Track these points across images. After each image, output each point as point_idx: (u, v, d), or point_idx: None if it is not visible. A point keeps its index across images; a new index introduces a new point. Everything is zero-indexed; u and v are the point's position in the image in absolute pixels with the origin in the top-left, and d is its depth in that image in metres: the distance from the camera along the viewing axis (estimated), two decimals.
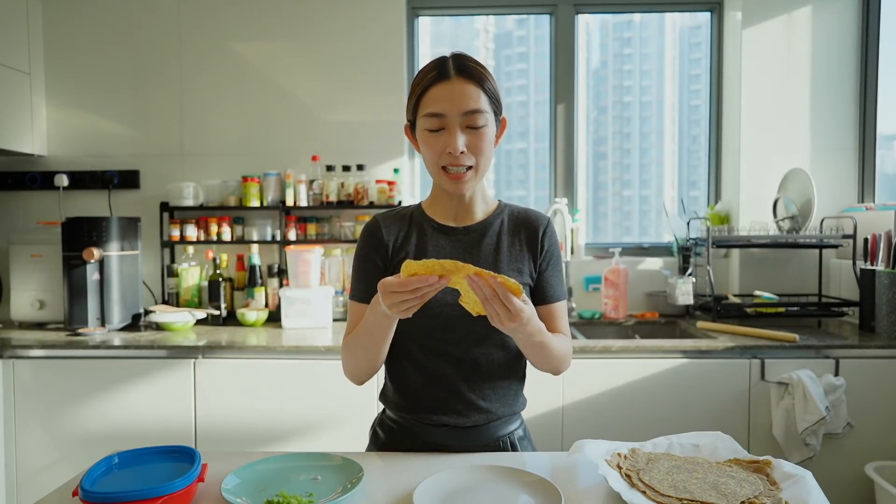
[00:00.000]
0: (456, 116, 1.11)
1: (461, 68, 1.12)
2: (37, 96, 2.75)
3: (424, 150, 1.16)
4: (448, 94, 1.11)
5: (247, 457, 1.13)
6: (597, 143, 3.08)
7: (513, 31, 3.15)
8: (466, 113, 1.11)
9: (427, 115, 1.12)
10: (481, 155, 1.14)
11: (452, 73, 1.12)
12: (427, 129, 1.13)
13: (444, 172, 1.14)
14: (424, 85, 1.13)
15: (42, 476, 2.21)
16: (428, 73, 1.13)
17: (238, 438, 2.16)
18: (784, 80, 2.69)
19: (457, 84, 1.11)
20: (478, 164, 1.14)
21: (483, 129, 1.13)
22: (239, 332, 2.40)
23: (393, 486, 1.03)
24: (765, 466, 1.02)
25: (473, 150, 1.13)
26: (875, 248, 2.34)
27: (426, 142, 1.14)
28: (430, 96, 1.12)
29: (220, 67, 2.78)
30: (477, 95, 1.11)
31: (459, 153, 1.11)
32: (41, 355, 2.22)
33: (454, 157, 1.12)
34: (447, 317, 1.15)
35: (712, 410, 2.12)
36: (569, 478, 1.07)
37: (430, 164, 1.16)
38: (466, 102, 1.11)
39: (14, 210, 2.83)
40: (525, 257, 1.22)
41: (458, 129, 1.11)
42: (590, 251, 2.91)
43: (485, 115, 1.12)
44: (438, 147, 1.13)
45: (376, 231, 1.23)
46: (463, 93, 1.11)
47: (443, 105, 1.11)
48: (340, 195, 2.68)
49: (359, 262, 1.24)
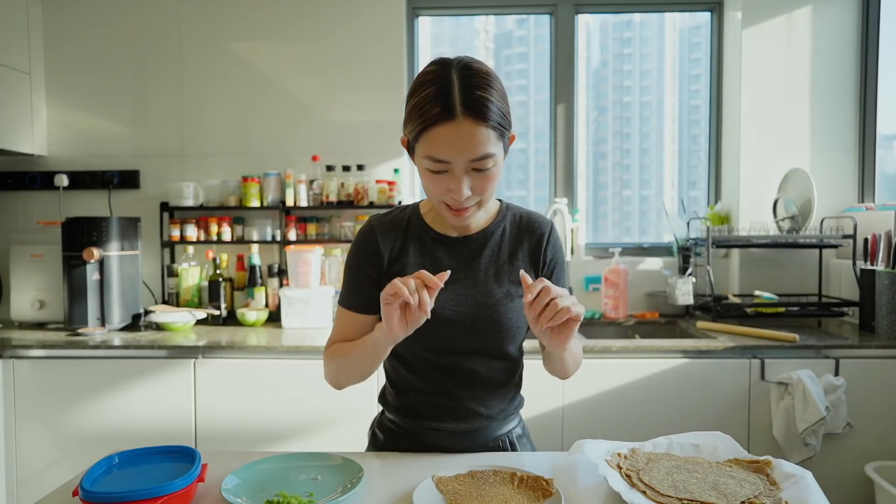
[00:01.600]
0: (462, 162, 1.01)
1: (468, 103, 0.99)
2: (37, 96, 2.75)
3: (426, 184, 1.07)
4: (454, 139, 0.99)
5: (247, 457, 1.13)
6: (597, 143, 3.08)
7: (513, 31, 3.15)
8: (474, 160, 1.01)
9: (429, 157, 1.02)
10: (486, 192, 1.06)
11: (458, 112, 0.98)
12: (429, 169, 1.04)
13: (446, 206, 1.08)
14: (426, 122, 1.00)
15: (42, 476, 2.21)
16: (431, 108, 1.00)
17: (238, 438, 2.16)
18: (784, 80, 2.69)
19: (463, 126, 0.99)
20: (482, 200, 1.08)
21: (490, 171, 1.04)
22: (239, 332, 2.40)
23: (393, 486, 1.03)
24: (765, 466, 1.02)
25: (479, 191, 1.05)
26: (875, 248, 2.34)
27: (428, 179, 1.06)
28: (434, 138, 1.00)
29: (220, 67, 2.78)
30: (485, 138, 1.00)
31: (464, 199, 1.04)
32: (41, 355, 2.22)
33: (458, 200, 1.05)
34: (446, 331, 1.14)
35: (712, 410, 2.12)
36: (569, 478, 1.07)
37: (432, 198, 1.09)
38: (474, 149, 1.00)
39: (14, 210, 2.83)
40: (527, 267, 1.19)
41: (463, 175, 1.02)
42: (590, 251, 2.91)
43: (493, 157, 1.02)
44: (441, 187, 1.05)
45: (372, 239, 1.18)
46: (471, 137, 0.99)
47: (447, 152, 1.00)
48: (340, 195, 2.68)
49: (351, 269, 1.19)
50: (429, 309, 0.97)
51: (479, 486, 1.00)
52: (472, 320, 1.14)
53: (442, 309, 1.13)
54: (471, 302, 1.15)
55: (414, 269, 1.13)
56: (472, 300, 1.15)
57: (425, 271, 0.98)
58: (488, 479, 1.02)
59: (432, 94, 1.00)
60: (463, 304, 1.14)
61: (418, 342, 1.13)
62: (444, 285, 1.02)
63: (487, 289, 1.16)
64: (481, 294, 1.15)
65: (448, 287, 1.12)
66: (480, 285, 1.16)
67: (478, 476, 1.03)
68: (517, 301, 1.16)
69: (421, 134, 1.02)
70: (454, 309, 1.14)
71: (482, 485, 1.00)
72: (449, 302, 1.14)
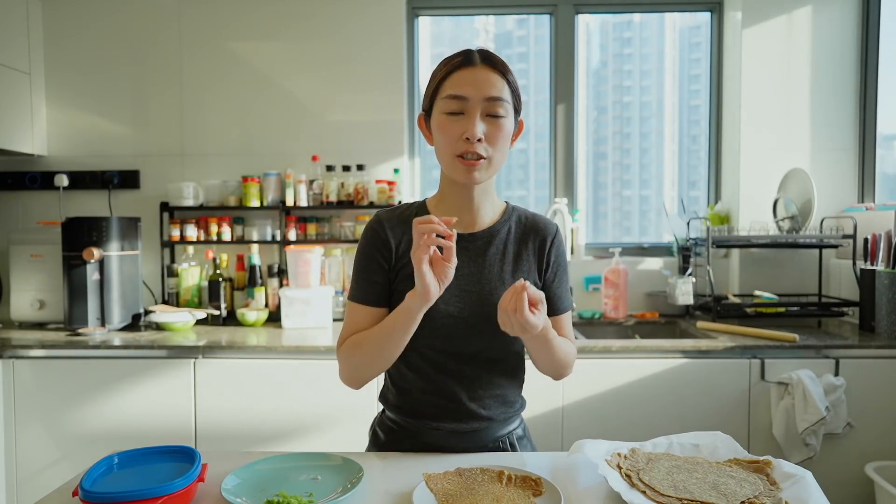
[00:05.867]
0: (478, 101, 1.09)
1: (487, 58, 1.12)
2: (37, 96, 2.75)
3: (439, 135, 1.12)
4: (472, 79, 1.09)
5: (247, 457, 1.13)
6: (597, 143, 3.08)
7: (513, 31, 3.15)
8: (489, 99, 1.09)
9: (448, 96, 1.10)
10: (497, 148, 1.11)
11: (478, 61, 1.11)
12: (446, 111, 1.10)
13: (457, 160, 1.10)
14: (448, 69, 1.11)
15: (42, 476, 2.21)
16: (453, 60, 1.12)
17: (238, 438, 2.16)
18: (784, 80, 2.69)
19: (481, 71, 1.10)
20: (492, 157, 1.11)
21: (503, 120, 1.10)
22: (239, 332, 2.40)
23: (393, 486, 1.03)
24: (765, 466, 1.02)
25: (491, 140, 1.10)
26: (875, 248, 2.34)
27: (443, 126, 1.11)
28: (454, 80, 1.10)
29: (220, 67, 2.78)
30: (501, 85, 1.10)
31: (476, 140, 1.08)
32: (41, 355, 2.22)
33: (471, 143, 1.08)
34: (449, 328, 1.14)
35: (712, 410, 2.12)
36: (569, 478, 1.07)
37: (444, 152, 1.12)
38: (490, 88, 1.09)
39: (14, 210, 2.83)
40: (531, 267, 1.20)
41: (477, 115, 1.09)
42: (590, 251, 2.91)
43: (506, 105, 1.11)
44: (456, 132, 1.09)
45: (380, 231, 1.18)
46: (487, 79, 1.10)
47: (466, 88, 1.09)
48: (340, 195, 2.68)
49: (361, 262, 1.19)
50: (453, 258, 1.04)
51: (469, 484, 1.00)
52: (476, 317, 1.14)
53: (446, 304, 1.13)
54: (474, 298, 1.15)
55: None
56: (476, 296, 1.15)
57: (433, 216, 1.02)
58: (477, 478, 1.02)
59: (454, 55, 1.13)
60: (467, 299, 1.15)
61: (422, 339, 1.14)
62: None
63: (491, 286, 1.16)
64: (485, 291, 1.16)
65: (452, 283, 1.12)
66: (485, 282, 1.17)
67: (466, 474, 1.03)
68: None
69: (442, 83, 1.12)
70: (458, 304, 1.14)
71: (471, 483, 1.00)
72: (453, 298, 1.14)
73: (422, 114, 1.19)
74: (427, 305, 1.06)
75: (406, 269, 1.15)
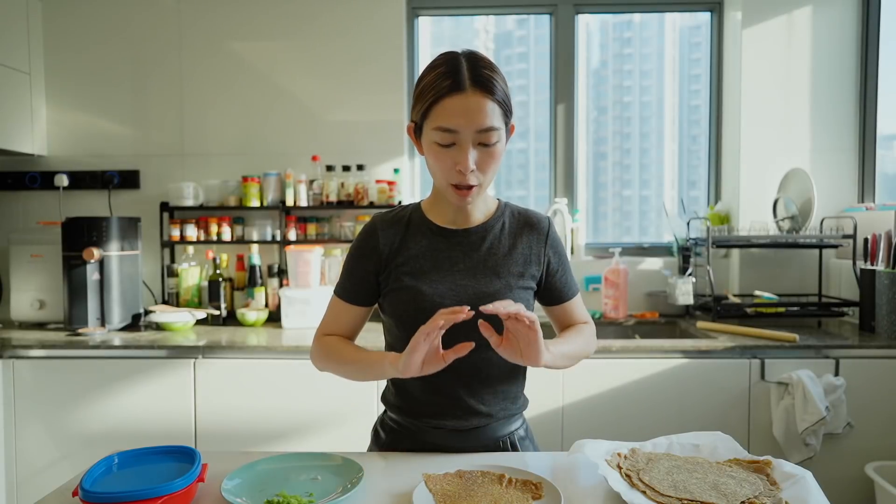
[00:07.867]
0: (469, 133, 1.07)
1: (476, 79, 1.07)
2: (37, 96, 2.75)
3: (432, 163, 1.12)
4: (463, 109, 1.06)
5: (247, 457, 1.13)
6: (597, 143, 3.08)
7: (513, 31, 3.15)
8: (480, 130, 1.07)
9: (439, 128, 1.07)
10: (489, 172, 1.12)
11: (467, 85, 1.06)
12: (437, 142, 1.09)
13: (451, 187, 1.12)
14: (437, 94, 1.07)
15: (42, 476, 2.21)
16: (441, 81, 1.07)
17: (238, 438, 2.16)
18: (784, 80, 2.69)
19: (472, 98, 1.06)
20: (483, 182, 1.12)
21: (495, 147, 1.10)
22: (239, 332, 2.40)
23: (393, 486, 1.03)
24: (765, 466, 1.02)
25: (483, 168, 1.10)
26: (875, 248, 2.34)
27: (435, 155, 1.11)
28: (443, 108, 1.07)
29: (219, 67, 2.78)
30: (492, 111, 1.07)
31: (469, 172, 1.09)
32: (41, 355, 2.22)
33: (463, 175, 1.09)
34: None
35: (712, 410, 2.12)
36: (569, 478, 1.07)
37: (437, 176, 1.14)
38: (482, 119, 1.06)
39: (14, 210, 2.83)
40: (528, 261, 1.22)
41: (469, 146, 1.08)
42: (590, 251, 2.91)
43: (498, 131, 1.09)
44: (448, 162, 1.09)
45: (373, 236, 1.21)
46: (478, 108, 1.06)
47: (457, 121, 1.06)
48: (340, 195, 2.68)
49: (350, 262, 1.24)
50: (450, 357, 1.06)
51: (468, 486, 1.00)
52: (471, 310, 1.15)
53: (441, 299, 1.15)
54: (470, 292, 1.16)
55: (413, 260, 1.18)
56: (472, 290, 1.16)
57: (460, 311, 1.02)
58: (476, 480, 1.02)
59: (442, 72, 1.08)
60: (462, 293, 1.16)
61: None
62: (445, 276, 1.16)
63: (487, 280, 1.18)
64: (481, 285, 1.17)
65: (448, 278, 1.17)
66: (480, 276, 1.18)
67: (466, 476, 1.03)
68: (516, 292, 1.18)
69: (431, 107, 1.08)
70: (454, 298, 1.15)
71: (471, 485, 1.00)
72: (449, 292, 1.16)
73: (411, 124, 1.16)
74: (401, 376, 1.09)
75: (398, 269, 1.19)
